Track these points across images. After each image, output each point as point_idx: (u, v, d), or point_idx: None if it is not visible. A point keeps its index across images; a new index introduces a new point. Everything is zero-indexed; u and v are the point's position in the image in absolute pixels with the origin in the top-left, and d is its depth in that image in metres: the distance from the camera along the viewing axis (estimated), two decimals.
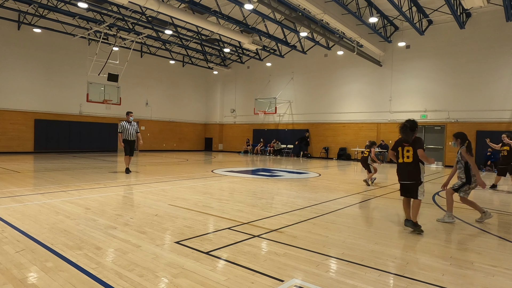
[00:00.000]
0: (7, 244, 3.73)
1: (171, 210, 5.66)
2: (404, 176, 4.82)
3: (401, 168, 4.84)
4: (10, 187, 7.45)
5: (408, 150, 4.74)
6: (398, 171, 4.90)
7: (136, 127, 11.13)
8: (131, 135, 10.93)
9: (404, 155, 4.78)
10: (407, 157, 4.75)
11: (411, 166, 4.72)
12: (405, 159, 4.77)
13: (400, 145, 4.87)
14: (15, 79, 18.97)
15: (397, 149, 4.89)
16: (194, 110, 29.11)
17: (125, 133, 10.87)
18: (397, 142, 4.95)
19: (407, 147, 4.77)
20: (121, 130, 10.87)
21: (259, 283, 2.93)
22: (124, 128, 10.87)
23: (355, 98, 21.69)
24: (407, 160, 4.75)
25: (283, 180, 10.52)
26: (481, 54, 17.26)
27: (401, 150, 4.83)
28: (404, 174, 4.80)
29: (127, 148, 11.00)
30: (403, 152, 4.80)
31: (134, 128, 11.03)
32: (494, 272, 3.35)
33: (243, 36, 18.51)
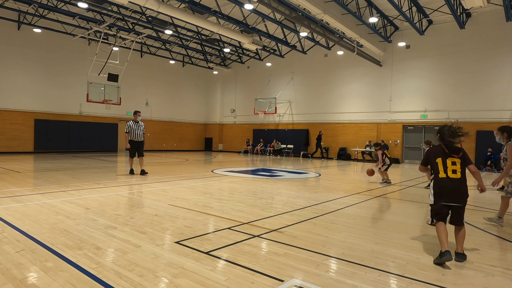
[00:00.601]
0: (7, 244, 3.73)
1: (171, 210, 5.66)
2: (452, 197, 3.74)
3: (448, 186, 3.75)
4: (10, 187, 7.45)
5: (455, 162, 3.78)
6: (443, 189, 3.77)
7: (143, 128, 10.60)
8: (138, 135, 10.39)
9: (449, 168, 3.77)
10: (453, 171, 3.76)
11: (462, 183, 3.77)
12: (450, 174, 3.75)
13: (442, 156, 3.82)
14: (15, 79, 18.97)
15: (436, 161, 3.84)
16: (194, 110, 29.11)
17: (132, 133, 10.34)
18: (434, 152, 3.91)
19: (453, 159, 3.78)
20: (128, 130, 10.34)
21: (259, 283, 2.93)
22: (131, 128, 10.33)
23: (355, 98, 21.69)
24: (453, 175, 3.74)
25: (283, 180, 10.51)
26: (481, 54, 17.26)
27: (442, 162, 3.80)
28: (452, 193, 3.74)
29: (132, 150, 10.42)
30: (448, 164, 3.78)
31: (141, 129, 10.49)
32: (494, 272, 3.35)
33: (243, 36, 18.52)
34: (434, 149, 3.93)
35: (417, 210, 6.46)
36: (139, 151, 10.47)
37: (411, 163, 19.71)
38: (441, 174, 3.79)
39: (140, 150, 10.49)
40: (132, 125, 10.34)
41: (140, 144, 10.49)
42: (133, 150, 10.41)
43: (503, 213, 5.22)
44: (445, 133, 3.81)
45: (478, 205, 7.09)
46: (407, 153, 20.07)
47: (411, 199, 7.59)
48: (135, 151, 10.44)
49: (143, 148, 10.60)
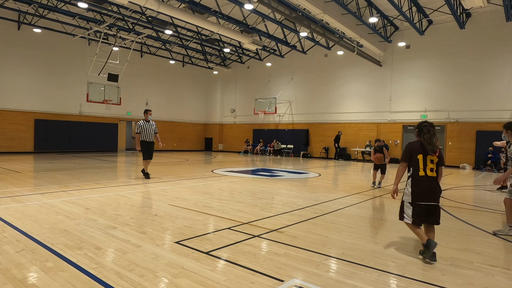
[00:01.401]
0: (7, 244, 3.73)
1: (171, 210, 5.66)
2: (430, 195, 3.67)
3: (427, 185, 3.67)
4: (10, 187, 7.45)
5: (432, 160, 3.72)
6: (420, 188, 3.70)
7: (155, 127, 9.92)
8: (149, 135, 9.72)
9: (429, 166, 3.69)
10: (431, 169, 3.69)
11: (437, 182, 3.74)
12: (429, 172, 3.69)
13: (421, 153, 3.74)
14: (15, 79, 18.97)
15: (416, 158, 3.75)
16: (194, 110, 29.11)
17: (143, 133, 9.64)
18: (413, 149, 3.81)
19: (432, 157, 3.72)
20: (139, 130, 9.63)
21: (259, 283, 2.93)
22: (142, 128, 9.63)
23: (355, 98, 21.69)
24: (431, 173, 3.69)
25: (283, 180, 10.51)
26: (481, 54, 17.26)
27: (422, 160, 3.72)
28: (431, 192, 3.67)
29: (145, 151, 9.72)
30: (427, 162, 3.71)
31: (152, 128, 9.81)
32: (494, 272, 3.35)
33: (243, 36, 18.52)
34: (416, 145, 3.80)
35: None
36: (150, 152, 9.81)
37: None
38: (421, 172, 3.71)
39: (150, 152, 9.83)
40: (143, 124, 9.67)
41: (152, 145, 9.87)
42: (146, 151, 9.72)
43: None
44: (425, 130, 3.74)
45: (478, 205, 7.09)
46: None
47: None
48: (147, 152, 9.74)
49: (153, 149, 9.94)
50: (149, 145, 9.77)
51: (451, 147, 18.17)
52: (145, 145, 9.69)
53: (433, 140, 3.70)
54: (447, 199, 7.62)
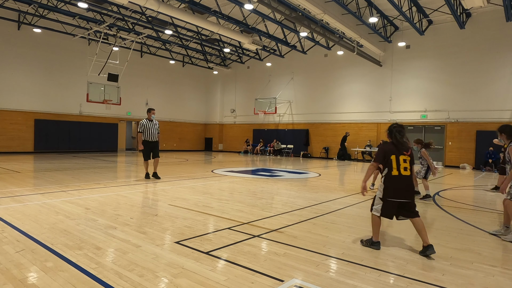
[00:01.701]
0: (7, 244, 3.73)
1: (171, 210, 5.66)
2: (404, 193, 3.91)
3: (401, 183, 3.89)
4: (10, 187, 7.45)
5: (405, 160, 3.91)
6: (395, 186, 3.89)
7: (158, 127, 9.59)
8: (152, 135, 9.39)
9: (402, 166, 3.88)
10: (404, 168, 3.89)
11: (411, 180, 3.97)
12: (402, 171, 3.88)
13: (394, 154, 3.92)
14: (15, 79, 18.97)
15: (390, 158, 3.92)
16: (194, 110, 29.11)
17: (146, 133, 9.33)
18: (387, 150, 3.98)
19: (404, 157, 3.91)
20: (142, 130, 9.34)
21: (259, 283, 2.93)
22: (145, 127, 9.33)
23: (355, 98, 21.69)
24: (405, 172, 3.89)
25: (283, 180, 10.51)
26: (481, 54, 17.26)
27: (395, 160, 3.89)
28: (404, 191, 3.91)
29: (147, 151, 9.43)
30: (400, 162, 3.89)
31: (156, 128, 9.48)
32: (494, 272, 3.35)
33: (243, 36, 18.52)
34: (389, 146, 4.00)
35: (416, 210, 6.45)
36: (154, 152, 9.50)
37: None
38: (394, 171, 3.88)
39: (155, 151, 9.52)
40: (146, 123, 9.36)
41: (155, 145, 9.52)
42: (147, 152, 9.45)
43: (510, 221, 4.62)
44: (394, 131, 3.96)
45: (478, 205, 7.09)
46: None
47: None
48: (150, 152, 9.47)
49: (158, 148, 9.64)
50: (152, 145, 9.46)
51: (451, 147, 18.17)
52: (147, 145, 9.39)
53: (403, 140, 3.94)
54: (447, 199, 7.62)
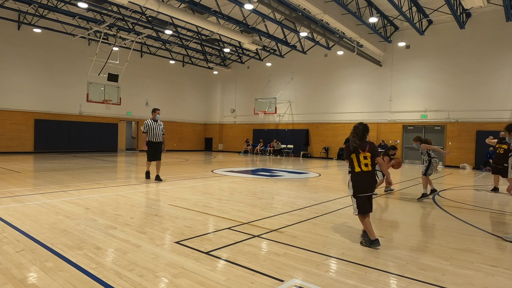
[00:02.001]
0: (7, 244, 3.73)
1: (171, 210, 5.66)
2: (367, 188, 4.18)
3: (363, 179, 4.17)
4: (10, 187, 7.45)
5: (366, 157, 4.18)
6: (359, 182, 4.18)
7: (163, 127, 9.44)
8: (156, 136, 9.21)
9: (362, 163, 4.17)
10: (365, 165, 4.17)
11: (372, 175, 4.23)
12: (364, 168, 4.16)
13: (354, 152, 4.21)
14: (15, 79, 18.97)
15: (351, 157, 4.24)
16: (194, 110, 29.11)
17: (150, 133, 9.14)
18: (349, 149, 4.28)
19: (364, 154, 4.19)
20: (146, 130, 9.15)
21: (259, 283, 2.93)
22: (149, 127, 9.14)
23: (355, 98, 21.69)
24: (366, 168, 4.16)
25: (283, 180, 10.51)
26: (481, 54, 17.26)
27: (355, 158, 4.19)
28: (367, 186, 4.18)
29: (150, 152, 9.23)
30: (361, 159, 4.17)
31: (160, 128, 9.33)
32: (494, 272, 3.35)
33: (243, 36, 18.52)
34: (349, 146, 4.28)
35: (417, 210, 6.46)
36: (156, 154, 9.32)
37: (411, 163, 19.71)
38: (356, 168, 4.20)
39: (158, 153, 9.35)
40: (151, 123, 9.18)
41: (159, 146, 9.37)
42: (151, 152, 9.25)
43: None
44: (352, 132, 4.26)
45: (478, 205, 7.09)
46: (407, 153, 20.07)
47: (411, 199, 7.59)
48: (154, 153, 9.28)
49: (161, 150, 9.48)
50: (156, 146, 9.29)
51: (451, 147, 18.17)
52: (151, 146, 9.22)
53: (356, 140, 4.19)
54: (447, 199, 7.62)
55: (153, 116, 9.31)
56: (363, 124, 4.27)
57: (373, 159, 4.20)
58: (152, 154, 9.27)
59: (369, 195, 4.20)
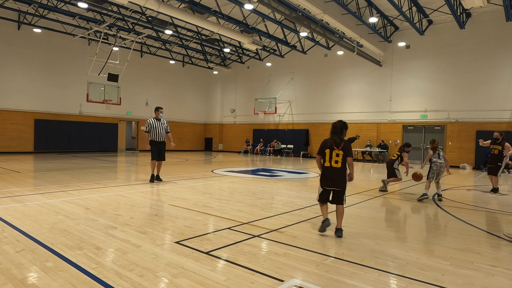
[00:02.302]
0: (7, 244, 3.73)
1: (171, 210, 5.66)
2: (332, 182, 4.47)
3: (330, 173, 4.47)
4: (10, 187, 7.45)
5: (338, 154, 4.42)
6: (326, 175, 4.51)
7: (166, 126, 9.21)
8: (160, 135, 9.00)
9: (333, 159, 4.44)
10: (335, 161, 4.43)
11: (341, 171, 4.45)
12: (333, 164, 4.44)
13: (330, 148, 4.49)
14: (15, 79, 18.96)
15: (325, 152, 4.53)
16: (194, 110, 29.10)
17: (153, 132, 8.96)
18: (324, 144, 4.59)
19: (337, 151, 4.44)
20: (149, 129, 8.96)
21: (259, 283, 2.93)
22: (151, 126, 8.94)
23: (355, 98, 21.69)
24: (335, 165, 4.43)
25: (283, 180, 10.51)
26: (481, 54, 17.26)
27: (328, 154, 4.48)
28: (333, 180, 4.46)
29: (154, 151, 8.99)
30: (333, 155, 4.45)
31: (164, 127, 9.10)
32: (494, 272, 3.35)
33: (243, 36, 18.51)
34: (326, 141, 4.59)
35: (417, 210, 6.46)
36: (160, 154, 9.08)
37: (411, 163, 19.53)
38: (327, 163, 4.50)
39: (162, 153, 9.11)
40: (153, 122, 8.96)
41: (163, 146, 9.15)
42: (155, 151, 9.01)
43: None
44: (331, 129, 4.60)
45: (478, 205, 7.09)
46: None
47: (411, 199, 7.59)
48: (158, 152, 9.04)
49: (164, 150, 9.23)
50: (159, 146, 9.04)
51: (451, 147, 18.17)
52: (154, 145, 8.99)
53: (334, 137, 4.49)
54: (447, 199, 7.62)
55: (156, 115, 9.09)
56: (341, 122, 4.58)
57: (345, 157, 4.43)
58: (156, 153, 9.02)
59: (333, 190, 4.47)
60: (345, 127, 4.55)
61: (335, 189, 4.47)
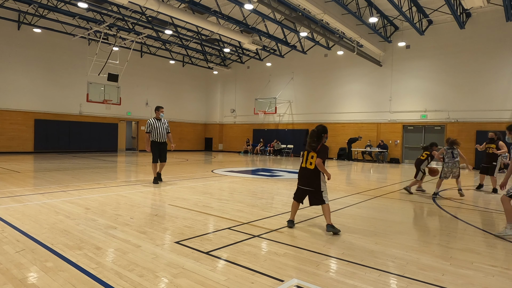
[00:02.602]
0: (7, 244, 3.73)
1: (171, 210, 5.66)
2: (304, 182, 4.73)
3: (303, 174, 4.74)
4: (10, 187, 7.45)
5: (313, 156, 4.69)
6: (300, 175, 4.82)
7: (167, 126, 8.88)
8: (161, 135, 8.67)
9: (308, 161, 4.71)
10: (310, 163, 4.68)
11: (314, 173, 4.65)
12: (308, 165, 4.69)
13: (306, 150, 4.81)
14: (15, 79, 18.96)
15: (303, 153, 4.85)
16: (194, 110, 29.11)
17: (154, 132, 8.61)
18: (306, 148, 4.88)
19: (312, 154, 4.70)
20: (149, 130, 8.62)
21: (259, 283, 2.93)
22: (152, 126, 8.59)
23: (355, 98, 21.69)
24: (309, 166, 4.67)
25: (283, 180, 10.51)
26: (481, 54, 17.26)
27: (305, 156, 4.77)
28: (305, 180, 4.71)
29: (155, 153, 8.67)
30: (308, 158, 4.72)
31: (165, 127, 8.76)
32: (494, 272, 3.35)
33: (243, 36, 18.51)
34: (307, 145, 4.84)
35: (417, 210, 6.46)
36: (162, 156, 8.76)
37: (411, 163, 19.69)
38: (302, 164, 4.79)
39: (163, 154, 8.80)
40: (154, 123, 8.62)
41: (165, 146, 8.82)
42: (156, 153, 8.69)
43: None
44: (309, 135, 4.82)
45: (478, 205, 7.09)
46: (407, 153, 20.07)
47: (411, 199, 7.59)
48: (158, 154, 8.71)
49: (166, 151, 8.91)
50: (161, 147, 8.71)
51: None
52: (155, 146, 8.64)
53: (309, 141, 4.75)
54: (447, 199, 7.62)
55: (157, 114, 8.73)
56: (320, 126, 4.82)
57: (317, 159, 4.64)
58: (157, 155, 8.69)
59: (307, 189, 4.70)
60: (324, 132, 4.78)
61: (309, 189, 4.68)
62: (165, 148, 8.86)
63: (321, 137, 4.74)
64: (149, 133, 8.65)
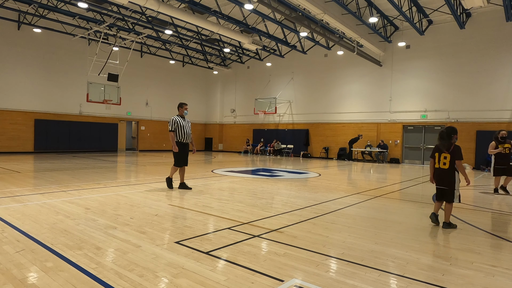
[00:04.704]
0: (7, 244, 3.73)
1: (171, 210, 5.66)
2: (440, 182, 5.04)
3: (438, 174, 5.05)
4: (10, 187, 7.45)
5: (446, 157, 4.95)
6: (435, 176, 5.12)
7: (190, 126, 7.92)
8: (187, 135, 7.66)
9: (441, 161, 4.98)
10: (443, 163, 4.96)
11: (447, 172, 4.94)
12: (441, 165, 4.98)
13: (437, 151, 5.06)
14: (15, 79, 18.96)
15: (434, 155, 5.12)
16: (194, 110, 29.07)
17: (179, 132, 7.55)
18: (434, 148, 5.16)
19: (444, 154, 4.96)
20: (174, 128, 7.52)
21: (259, 283, 2.93)
22: (178, 124, 7.53)
23: (355, 98, 21.69)
24: (443, 166, 4.96)
25: (283, 180, 10.51)
26: (481, 54, 17.26)
27: (438, 156, 5.04)
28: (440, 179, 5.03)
29: (181, 156, 7.62)
30: (440, 158, 5.00)
31: (189, 126, 7.78)
32: (494, 272, 3.35)
33: (243, 36, 18.51)
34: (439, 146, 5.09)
35: (417, 210, 6.46)
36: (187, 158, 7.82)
37: (411, 163, 19.71)
38: (436, 164, 5.07)
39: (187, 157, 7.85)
40: (180, 121, 7.57)
41: (188, 148, 7.88)
42: (182, 156, 7.67)
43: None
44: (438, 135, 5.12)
45: (478, 205, 7.09)
46: (407, 153, 20.07)
47: (411, 199, 7.59)
48: (185, 156, 7.73)
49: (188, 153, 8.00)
50: (186, 149, 7.72)
51: None
52: (182, 148, 7.61)
53: (440, 142, 4.99)
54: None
55: (180, 112, 7.70)
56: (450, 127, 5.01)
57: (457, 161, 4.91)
58: (183, 158, 7.64)
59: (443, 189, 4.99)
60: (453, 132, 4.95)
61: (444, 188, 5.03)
62: (188, 150, 7.90)
63: (451, 137, 4.90)
64: (174, 132, 7.55)
